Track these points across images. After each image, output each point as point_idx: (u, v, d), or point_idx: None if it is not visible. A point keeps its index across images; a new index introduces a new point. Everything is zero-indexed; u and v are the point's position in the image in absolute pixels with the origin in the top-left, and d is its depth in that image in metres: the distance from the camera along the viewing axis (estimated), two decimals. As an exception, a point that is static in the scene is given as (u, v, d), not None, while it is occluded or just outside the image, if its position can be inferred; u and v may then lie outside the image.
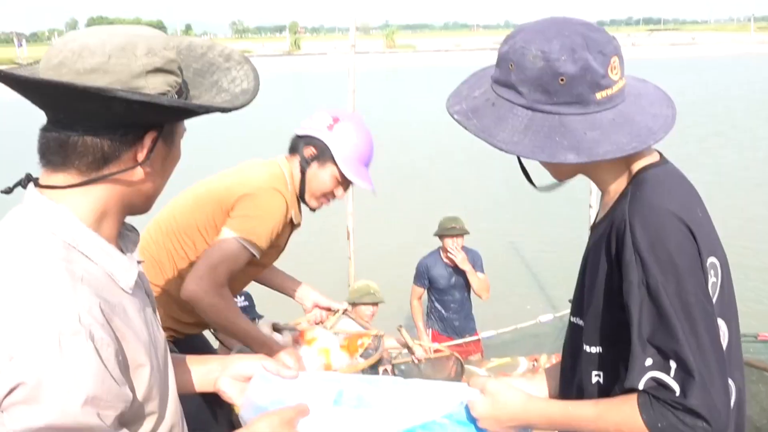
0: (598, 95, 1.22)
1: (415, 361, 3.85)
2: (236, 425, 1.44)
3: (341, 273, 5.81)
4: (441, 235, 4.77)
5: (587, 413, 1.25)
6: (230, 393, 1.37)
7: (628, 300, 1.19)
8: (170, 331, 2.41)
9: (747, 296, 6.25)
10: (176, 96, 1.05)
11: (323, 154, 2.40)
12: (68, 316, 0.93)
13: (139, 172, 1.07)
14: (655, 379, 1.15)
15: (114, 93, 0.95)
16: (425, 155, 14.95)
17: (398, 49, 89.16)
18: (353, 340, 2.71)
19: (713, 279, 1.23)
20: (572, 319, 1.41)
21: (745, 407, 1.33)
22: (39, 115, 1.05)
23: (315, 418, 1.29)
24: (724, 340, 1.24)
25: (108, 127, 1.01)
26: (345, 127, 2.42)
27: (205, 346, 2.73)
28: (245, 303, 4.06)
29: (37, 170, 1.07)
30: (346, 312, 2.86)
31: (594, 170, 1.34)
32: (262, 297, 3.61)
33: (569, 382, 1.41)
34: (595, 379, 1.32)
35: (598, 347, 1.31)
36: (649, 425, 1.15)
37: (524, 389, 1.39)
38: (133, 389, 1.03)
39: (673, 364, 1.14)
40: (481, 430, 1.36)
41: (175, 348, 2.29)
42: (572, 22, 1.26)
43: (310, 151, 2.42)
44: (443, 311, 4.86)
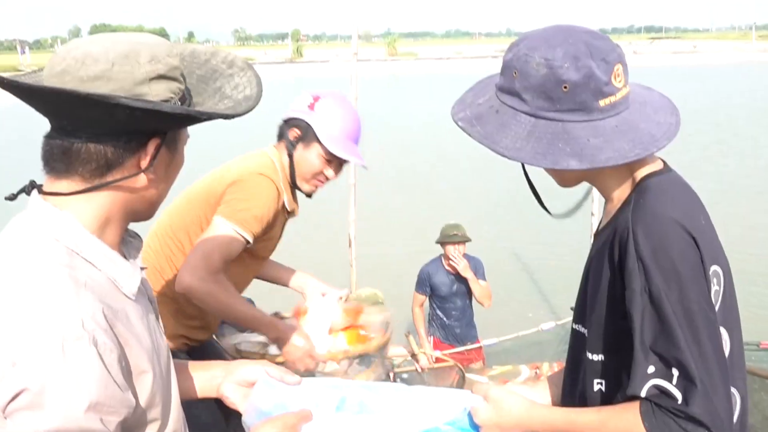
0: (602, 102, 1.22)
1: (419, 370, 3.84)
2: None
3: (343, 280, 5.81)
4: (443, 242, 4.75)
5: (590, 420, 1.25)
6: (234, 399, 1.36)
7: (630, 307, 1.19)
8: (183, 339, 2.40)
9: (750, 302, 6.23)
10: (179, 103, 1.06)
11: (307, 134, 2.37)
12: (71, 321, 0.93)
13: (142, 179, 1.07)
14: (657, 387, 1.15)
15: (117, 100, 0.95)
16: (427, 162, 14.95)
17: (400, 56, 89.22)
18: (354, 314, 2.68)
19: (716, 287, 1.23)
20: (575, 326, 1.41)
21: (748, 416, 1.32)
22: (42, 122, 1.05)
23: (318, 424, 1.29)
24: (726, 349, 1.23)
25: (111, 134, 1.02)
26: (326, 104, 2.38)
27: (219, 355, 2.70)
28: None
29: (40, 177, 1.08)
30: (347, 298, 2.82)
31: (597, 177, 1.34)
32: (263, 297, 3.61)
33: (572, 390, 1.41)
34: (597, 387, 1.32)
35: (601, 355, 1.31)
36: (651, 433, 1.14)
37: (527, 396, 1.39)
38: (135, 395, 1.03)
39: (675, 371, 1.14)
40: (483, 437, 1.35)
41: (188, 357, 2.26)
42: (576, 30, 1.26)
43: (294, 133, 2.39)
44: (445, 319, 4.83)
